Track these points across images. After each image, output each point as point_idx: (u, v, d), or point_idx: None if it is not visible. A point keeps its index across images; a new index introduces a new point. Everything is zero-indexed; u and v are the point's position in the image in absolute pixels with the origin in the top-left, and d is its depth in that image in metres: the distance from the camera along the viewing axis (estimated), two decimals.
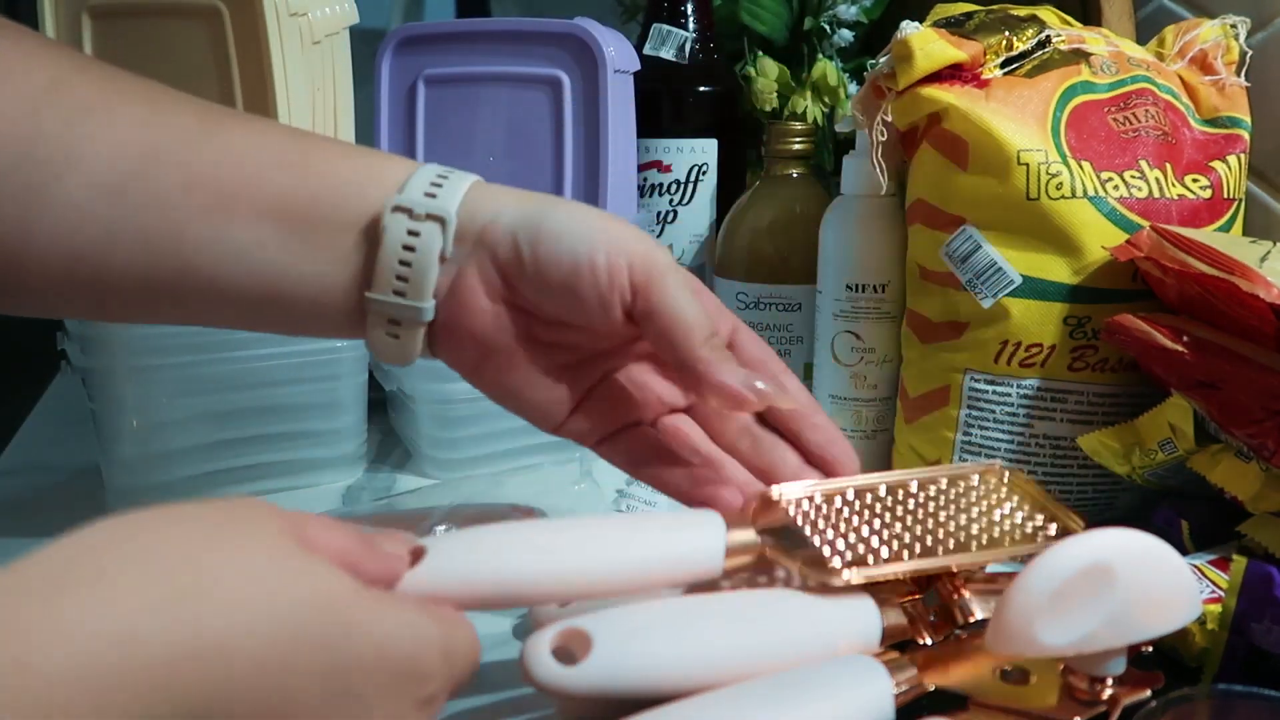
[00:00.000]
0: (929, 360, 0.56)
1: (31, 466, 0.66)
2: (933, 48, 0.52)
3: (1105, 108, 0.53)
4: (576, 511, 0.55)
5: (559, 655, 0.35)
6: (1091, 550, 0.34)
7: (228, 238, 0.38)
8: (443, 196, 0.38)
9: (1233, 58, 0.56)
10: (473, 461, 0.62)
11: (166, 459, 0.57)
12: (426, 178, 0.39)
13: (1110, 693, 0.36)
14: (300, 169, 0.39)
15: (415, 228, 0.38)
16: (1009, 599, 0.34)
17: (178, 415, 0.57)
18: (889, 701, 0.34)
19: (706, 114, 0.73)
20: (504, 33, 0.66)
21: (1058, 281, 0.51)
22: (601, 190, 0.65)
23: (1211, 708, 0.33)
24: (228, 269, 0.38)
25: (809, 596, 0.38)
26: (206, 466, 0.58)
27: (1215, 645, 0.38)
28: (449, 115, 0.67)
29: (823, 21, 0.77)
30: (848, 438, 0.61)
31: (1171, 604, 0.34)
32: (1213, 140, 0.55)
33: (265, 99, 0.53)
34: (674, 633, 0.35)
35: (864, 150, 0.59)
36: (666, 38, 0.73)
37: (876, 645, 0.37)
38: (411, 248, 0.37)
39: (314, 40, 0.55)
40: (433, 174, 0.39)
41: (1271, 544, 0.43)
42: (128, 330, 0.54)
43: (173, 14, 0.53)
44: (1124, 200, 0.51)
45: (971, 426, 0.54)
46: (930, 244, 0.55)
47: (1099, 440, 0.50)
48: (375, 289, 0.38)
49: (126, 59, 0.54)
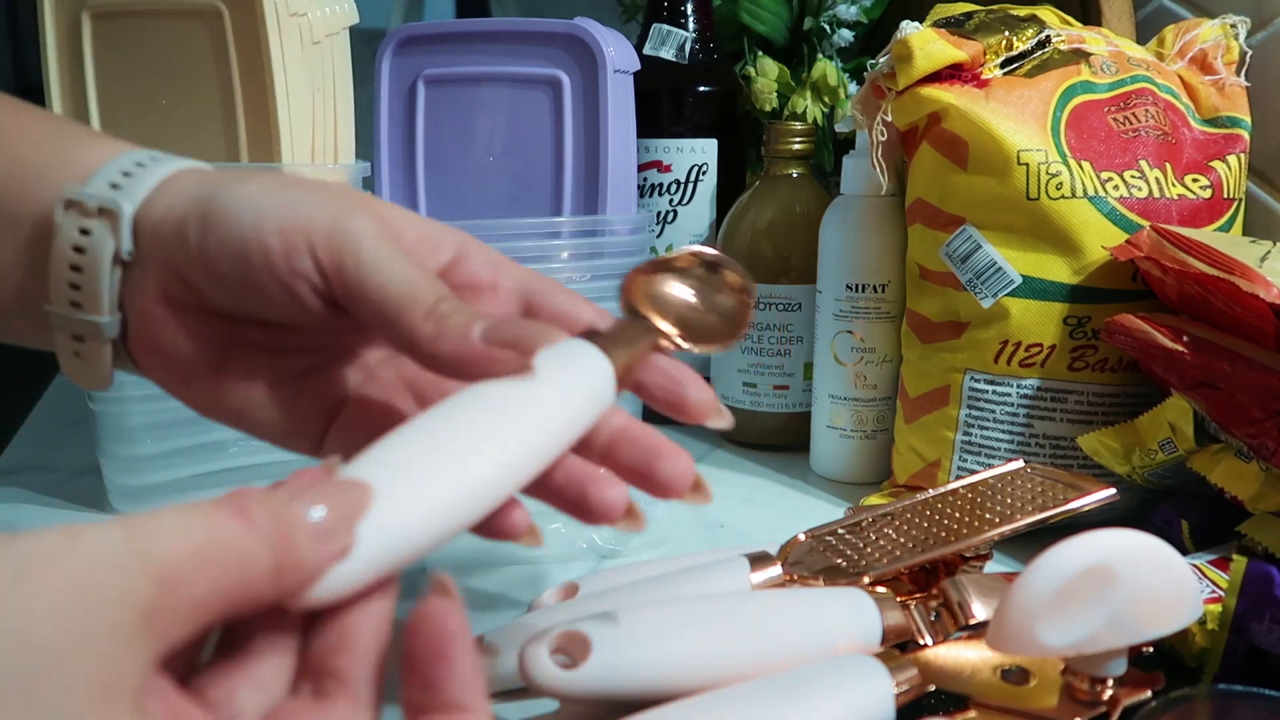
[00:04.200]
0: (929, 360, 0.56)
1: (31, 466, 0.66)
2: (933, 48, 0.52)
3: (1105, 108, 0.53)
4: None
5: (558, 658, 0.35)
6: (1092, 551, 0.34)
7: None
8: (128, 186, 0.32)
9: (1233, 58, 0.56)
10: None
11: (166, 459, 0.57)
12: (121, 165, 0.32)
13: (1110, 693, 0.36)
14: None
15: (87, 225, 0.31)
16: (1010, 599, 0.34)
17: (178, 415, 0.57)
18: (889, 701, 0.34)
19: (706, 114, 0.73)
20: (504, 33, 0.66)
21: (1058, 281, 0.51)
22: (601, 190, 0.65)
23: (1211, 708, 0.33)
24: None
25: (809, 596, 0.39)
26: (206, 466, 0.58)
27: (1215, 645, 0.38)
28: (449, 115, 0.67)
29: (823, 21, 0.77)
30: (847, 438, 0.62)
31: (1172, 604, 0.34)
32: (1213, 140, 0.55)
33: (265, 99, 0.53)
34: (673, 634, 0.35)
35: (864, 150, 0.59)
36: (666, 38, 0.73)
37: (876, 645, 0.37)
38: (82, 249, 0.31)
39: (314, 40, 0.55)
40: (132, 160, 0.33)
41: (1271, 544, 0.43)
42: None
43: (173, 14, 0.53)
44: (1124, 200, 0.51)
45: (971, 426, 0.54)
46: (930, 244, 0.55)
47: (1099, 440, 0.50)
48: (51, 300, 0.32)
49: (126, 59, 0.54)
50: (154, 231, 0.31)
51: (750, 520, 0.58)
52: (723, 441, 0.70)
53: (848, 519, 0.46)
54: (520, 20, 0.66)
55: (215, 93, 0.54)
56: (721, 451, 0.68)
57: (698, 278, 0.37)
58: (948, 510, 0.45)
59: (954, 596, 0.39)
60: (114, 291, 0.32)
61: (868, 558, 0.42)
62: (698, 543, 0.54)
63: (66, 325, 0.32)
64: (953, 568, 0.43)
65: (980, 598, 0.38)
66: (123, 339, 0.33)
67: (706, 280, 0.37)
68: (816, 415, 0.64)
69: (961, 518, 0.44)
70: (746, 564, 0.42)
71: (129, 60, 0.54)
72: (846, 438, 0.62)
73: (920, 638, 0.38)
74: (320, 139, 0.57)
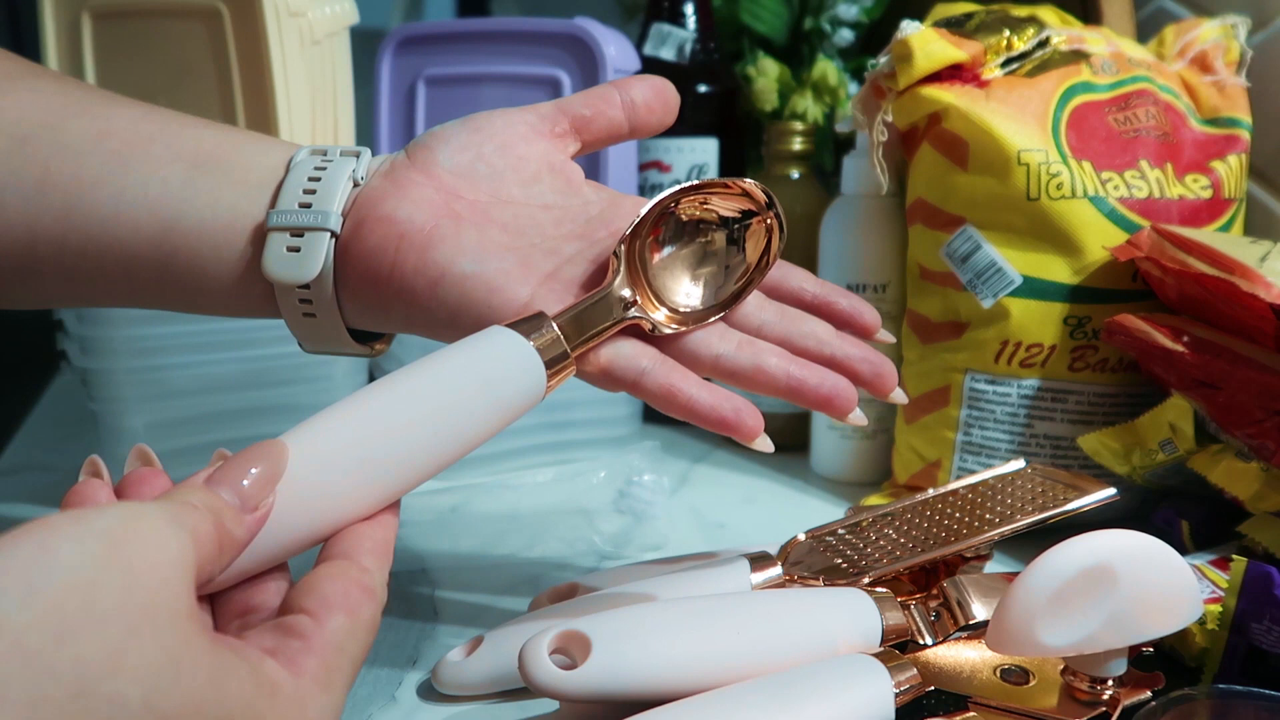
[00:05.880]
0: (929, 360, 0.56)
1: (31, 466, 0.66)
2: (933, 48, 0.52)
3: (1105, 108, 0.53)
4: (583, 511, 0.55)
5: (558, 658, 0.35)
6: (1092, 551, 0.34)
7: (133, 176, 0.37)
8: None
9: (1233, 58, 0.56)
10: (475, 462, 0.62)
11: (166, 459, 0.57)
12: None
13: (1110, 693, 0.36)
14: (217, 127, 0.39)
15: (323, 163, 0.38)
16: (1009, 599, 0.34)
17: (178, 415, 0.57)
18: (889, 701, 0.34)
19: (706, 114, 0.73)
20: (504, 33, 0.66)
21: (1058, 281, 0.51)
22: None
23: (1211, 708, 0.33)
24: (125, 208, 0.37)
25: (809, 597, 0.39)
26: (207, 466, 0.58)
27: (1215, 645, 0.38)
28: (449, 115, 0.66)
29: (823, 21, 0.77)
30: (847, 438, 0.62)
31: (1172, 604, 0.34)
32: (1213, 140, 0.55)
33: (265, 99, 0.53)
34: (673, 634, 0.35)
35: (864, 150, 0.59)
36: (666, 38, 0.73)
37: (876, 645, 0.37)
38: (318, 174, 0.37)
39: (314, 40, 0.55)
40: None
41: (1271, 544, 0.43)
42: (128, 331, 0.54)
43: (173, 14, 0.53)
44: (1124, 200, 0.51)
45: (972, 426, 0.54)
46: (930, 244, 0.55)
47: (1099, 440, 0.50)
48: (279, 206, 0.37)
49: (126, 59, 0.54)
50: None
51: (750, 520, 0.58)
52: (723, 442, 0.70)
53: (848, 519, 0.46)
54: (520, 20, 0.66)
55: (215, 92, 0.54)
56: (721, 451, 0.68)
57: (712, 222, 0.39)
58: (948, 510, 0.45)
59: (954, 596, 0.39)
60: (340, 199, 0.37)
61: (868, 558, 0.42)
62: (698, 543, 0.54)
63: (289, 222, 0.37)
64: (953, 568, 0.43)
65: (980, 598, 0.38)
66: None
67: (721, 231, 0.39)
68: (817, 415, 0.64)
69: (961, 518, 0.44)
70: (746, 564, 0.42)
71: (129, 60, 0.54)
72: (847, 438, 0.62)
73: (920, 638, 0.38)
74: (320, 139, 0.57)
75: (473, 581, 0.49)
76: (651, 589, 0.41)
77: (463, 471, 0.62)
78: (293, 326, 0.39)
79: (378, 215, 0.37)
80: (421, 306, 0.36)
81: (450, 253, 0.36)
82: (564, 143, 0.40)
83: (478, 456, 0.62)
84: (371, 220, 0.37)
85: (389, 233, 0.37)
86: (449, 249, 0.36)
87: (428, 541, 0.53)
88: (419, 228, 0.36)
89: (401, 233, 0.36)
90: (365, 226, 0.37)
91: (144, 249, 0.37)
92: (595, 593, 0.42)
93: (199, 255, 0.37)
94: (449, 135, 0.39)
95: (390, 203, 0.37)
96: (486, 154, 0.39)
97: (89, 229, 0.37)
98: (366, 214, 0.37)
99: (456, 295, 0.36)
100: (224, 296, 0.38)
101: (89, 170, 0.37)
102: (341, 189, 0.37)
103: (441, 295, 0.36)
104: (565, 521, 0.54)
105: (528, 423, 0.63)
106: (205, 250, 0.37)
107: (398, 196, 0.37)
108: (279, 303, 0.38)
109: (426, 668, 0.41)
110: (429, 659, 0.42)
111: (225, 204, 0.37)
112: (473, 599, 0.48)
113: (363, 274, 0.37)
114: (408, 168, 0.38)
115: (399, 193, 0.37)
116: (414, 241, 0.36)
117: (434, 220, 0.37)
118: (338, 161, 0.38)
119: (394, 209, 0.37)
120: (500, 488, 0.58)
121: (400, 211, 0.37)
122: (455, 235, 0.36)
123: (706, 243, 0.39)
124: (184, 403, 0.57)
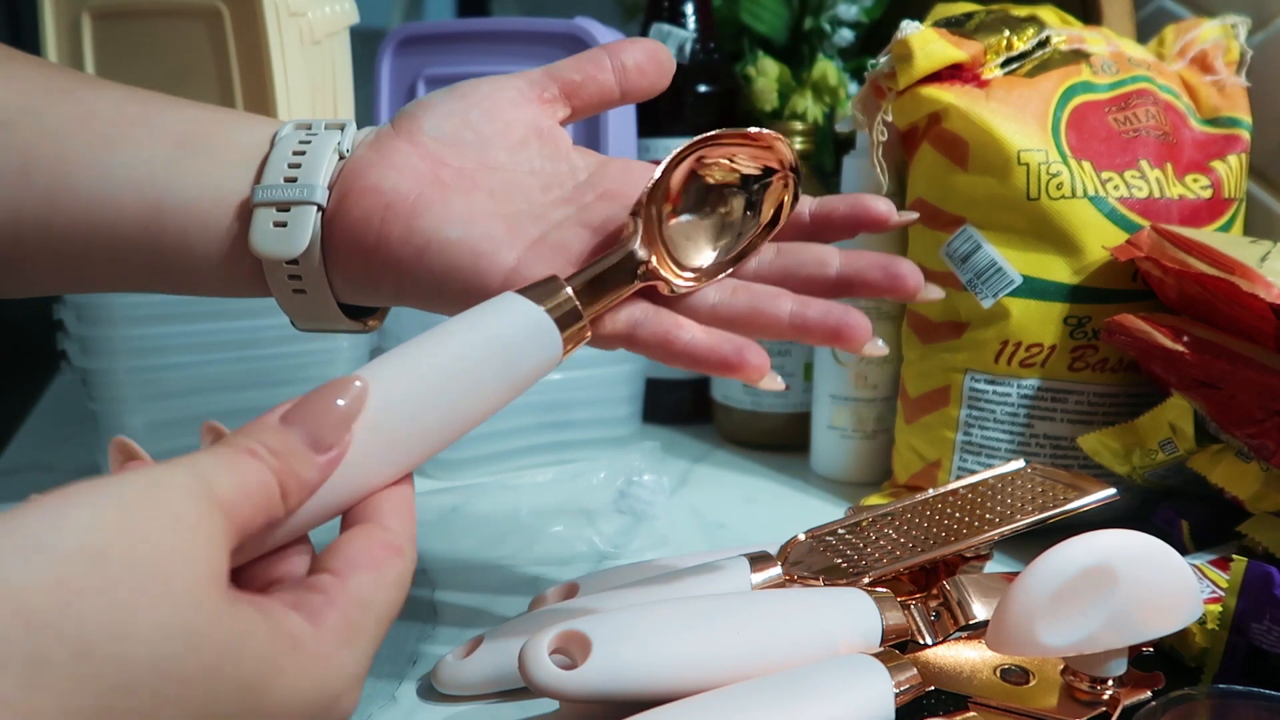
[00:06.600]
0: (929, 360, 0.56)
1: (31, 466, 0.66)
2: (933, 48, 0.52)
3: (1105, 108, 0.53)
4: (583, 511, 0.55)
5: (558, 658, 0.35)
6: (1092, 551, 0.34)
7: (118, 158, 0.37)
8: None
9: (1233, 58, 0.56)
10: (475, 462, 0.62)
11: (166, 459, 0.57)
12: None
13: (1110, 693, 0.36)
14: (201, 107, 0.39)
15: (308, 137, 0.38)
16: (1009, 599, 0.34)
17: (178, 415, 0.57)
18: (889, 701, 0.34)
19: (706, 114, 0.73)
20: (504, 33, 0.65)
21: (1058, 281, 0.51)
22: None
23: (1211, 708, 0.33)
24: (110, 190, 0.36)
25: (809, 597, 0.39)
26: None
27: (1215, 645, 0.38)
28: None
29: (823, 21, 0.77)
30: (847, 438, 0.62)
31: (1172, 604, 0.34)
32: (1213, 140, 0.55)
33: (265, 99, 0.53)
34: (673, 634, 0.35)
35: (864, 150, 0.59)
36: (666, 38, 0.73)
37: (876, 645, 0.37)
38: (303, 148, 0.37)
39: (314, 40, 0.55)
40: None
41: (1271, 544, 0.43)
42: (128, 330, 0.54)
43: (173, 14, 0.53)
44: (1124, 200, 0.51)
45: (972, 426, 0.54)
46: (930, 244, 0.55)
47: (1099, 440, 0.50)
48: (264, 182, 0.37)
49: (126, 59, 0.54)
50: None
51: (750, 520, 0.58)
52: (723, 441, 0.70)
53: (848, 519, 0.46)
54: (520, 20, 0.66)
55: (215, 92, 0.54)
56: (722, 451, 0.68)
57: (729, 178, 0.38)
58: (948, 510, 0.45)
59: (954, 596, 0.39)
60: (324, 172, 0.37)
61: (868, 558, 0.42)
62: (698, 543, 0.54)
63: (274, 196, 0.37)
64: (953, 568, 0.43)
65: (980, 598, 0.38)
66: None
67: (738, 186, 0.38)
68: (817, 415, 0.64)
69: (961, 518, 0.44)
70: (746, 564, 0.42)
71: (129, 60, 0.54)
72: (847, 438, 0.62)
73: (920, 638, 0.38)
74: None
75: (472, 582, 0.49)
76: (651, 589, 0.41)
77: (463, 471, 0.62)
78: (283, 303, 0.39)
79: (363, 186, 0.37)
80: (409, 276, 0.36)
81: (436, 220, 0.36)
82: (552, 108, 0.40)
83: (478, 456, 0.62)
84: (357, 191, 0.37)
85: (375, 203, 0.36)
86: (435, 216, 0.36)
87: (427, 542, 0.53)
88: (404, 196, 0.36)
89: (387, 202, 0.36)
90: (351, 198, 0.37)
91: (131, 230, 0.37)
92: (595, 593, 0.42)
93: (186, 234, 0.37)
94: (435, 103, 0.39)
95: (375, 173, 0.37)
96: (473, 120, 0.38)
97: (74, 212, 0.37)
98: (352, 185, 0.37)
99: (443, 262, 0.36)
100: (213, 275, 0.38)
101: (73, 153, 0.36)
102: (326, 162, 0.37)
103: (428, 262, 0.36)
104: (565, 521, 0.54)
105: (528, 423, 0.63)
106: (192, 229, 0.37)
107: (383, 166, 0.37)
108: (268, 279, 0.38)
109: (426, 668, 0.41)
110: (428, 659, 0.42)
111: (211, 182, 0.37)
112: (472, 599, 0.48)
113: (350, 246, 0.37)
114: (392, 137, 0.38)
115: (384, 162, 0.37)
116: (400, 210, 0.36)
117: (419, 188, 0.36)
118: (322, 135, 0.38)
119: (379, 179, 0.37)
120: (500, 488, 0.58)
121: (385, 181, 0.37)
122: (441, 202, 0.36)
123: (724, 201, 0.38)
124: (184, 403, 0.57)
